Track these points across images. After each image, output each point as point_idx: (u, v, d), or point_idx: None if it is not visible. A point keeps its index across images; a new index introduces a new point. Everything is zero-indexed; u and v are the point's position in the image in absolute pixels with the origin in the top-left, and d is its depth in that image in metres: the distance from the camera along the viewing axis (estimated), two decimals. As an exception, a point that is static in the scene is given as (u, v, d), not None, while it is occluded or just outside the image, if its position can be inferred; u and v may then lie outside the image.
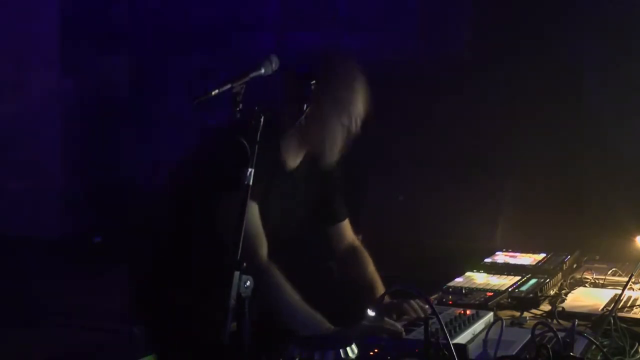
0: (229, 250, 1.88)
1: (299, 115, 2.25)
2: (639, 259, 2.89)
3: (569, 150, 4.96)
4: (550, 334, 2.09)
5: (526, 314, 2.62)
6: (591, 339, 2.12)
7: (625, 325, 2.26)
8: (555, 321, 2.45)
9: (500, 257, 3.33)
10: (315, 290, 2.54)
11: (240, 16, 6.48)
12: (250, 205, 1.96)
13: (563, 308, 2.59)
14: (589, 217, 4.65)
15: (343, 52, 2.73)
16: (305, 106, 2.24)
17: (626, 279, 2.66)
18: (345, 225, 2.95)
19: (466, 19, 5.51)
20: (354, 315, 2.32)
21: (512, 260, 3.27)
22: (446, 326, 2.05)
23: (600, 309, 2.55)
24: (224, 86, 1.98)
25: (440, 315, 2.00)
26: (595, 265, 3.22)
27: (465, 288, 2.81)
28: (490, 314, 2.47)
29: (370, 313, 2.28)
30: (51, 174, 7.16)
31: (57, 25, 7.10)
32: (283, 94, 2.45)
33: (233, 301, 1.82)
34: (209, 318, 2.45)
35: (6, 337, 4.65)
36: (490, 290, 2.78)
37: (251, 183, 1.94)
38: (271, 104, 2.33)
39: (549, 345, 1.95)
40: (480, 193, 4.70)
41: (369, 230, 3.96)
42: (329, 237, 2.93)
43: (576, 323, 2.13)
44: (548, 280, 2.92)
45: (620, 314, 2.40)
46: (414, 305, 2.52)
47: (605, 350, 2.08)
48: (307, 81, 2.35)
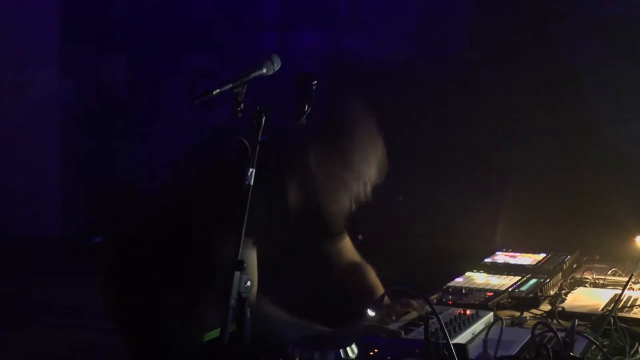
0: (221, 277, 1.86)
1: (300, 116, 2.25)
2: (639, 259, 2.89)
3: (569, 151, 4.96)
4: (550, 334, 2.09)
5: (526, 314, 2.61)
6: (591, 339, 2.11)
7: (625, 325, 2.26)
8: (555, 321, 2.45)
9: (500, 257, 3.32)
10: (315, 290, 2.54)
11: (240, 16, 6.48)
12: (245, 241, 1.92)
13: (563, 308, 2.59)
14: (589, 217, 4.65)
15: (364, 113, 2.59)
16: (306, 106, 2.23)
17: (626, 279, 2.65)
18: (345, 241, 2.89)
19: (466, 19, 5.51)
20: (354, 315, 2.32)
21: (512, 260, 3.26)
22: (446, 326, 2.05)
23: (600, 309, 2.55)
24: (225, 86, 1.98)
25: (440, 315, 2.00)
26: (595, 265, 3.21)
27: (465, 288, 2.80)
28: (490, 314, 2.47)
29: (370, 313, 2.28)
30: (51, 174, 7.16)
31: (57, 25, 7.11)
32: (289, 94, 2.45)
33: (233, 301, 1.82)
34: (203, 320, 2.45)
35: (6, 337, 4.65)
36: (490, 290, 2.77)
37: (251, 183, 1.94)
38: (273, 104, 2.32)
39: (549, 345, 1.95)
40: (480, 193, 4.69)
41: (369, 230, 3.96)
42: (327, 255, 2.87)
43: (576, 323, 2.13)
44: (548, 280, 2.92)
45: (620, 314, 2.39)
46: (413, 303, 2.52)
47: (605, 350, 2.08)
48: (309, 81, 2.35)
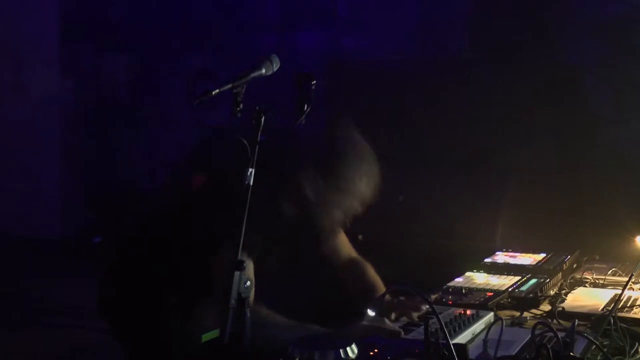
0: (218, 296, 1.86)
1: (300, 116, 2.25)
2: (639, 259, 2.89)
3: (569, 150, 4.97)
4: (550, 334, 2.09)
5: (526, 314, 2.61)
6: (591, 339, 2.11)
7: (625, 325, 2.26)
8: (555, 321, 2.45)
9: (500, 257, 3.32)
10: (314, 291, 2.54)
11: (240, 16, 6.48)
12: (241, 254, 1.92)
13: (563, 308, 2.59)
14: (589, 217, 4.65)
15: (358, 136, 2.52)
16: (306, 106, 2.23)
17: (626, 279, 2.65)
18: (341, 238, 2.89)
19: (466, 19, 5.51)
20: (354, 316, 2.32)
21: (512, 260, 3.26)
22: (446, 326, 2.05)
23: (600, 309, 2.55)
24: (225, 86, 1.98)
25: (440, 315, 2.00)
26: (595, 265, 3.21)
27: (465, 288, 2.81)
28: (490, 314, 2.47)
29: (370, 313, 2.28)
30: (51, 174, 7.16)
31: (57, 25, 7.11)
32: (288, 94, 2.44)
33: (233, 301, 1.82)
34: (202, 320, 2.45)
35: (6, 337, 4.65)
36: (490, 290, 2.77)
37: (251, 183, 1.94)
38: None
39: (549, 345, 1.95)
40: (480, 193, 4.69)
41: (369, 230, 3.96)
42: (326, 256, 2.87)
43: (576, 323, 2.13)
44: (548, 280, 2.92)
45: (620, 314, 2.39)
46: (413, 303, 2.52)
47: (605, 350, 2.08)
48: (309, 81, 2.35)
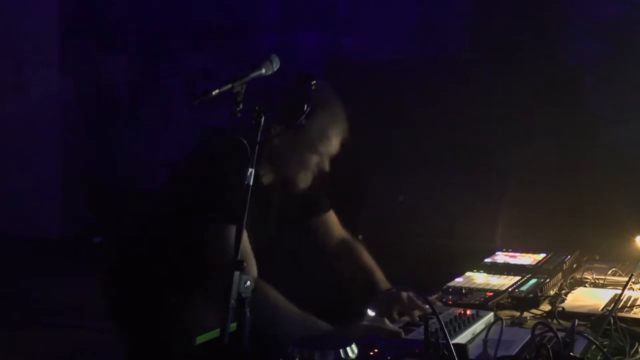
0: (217, 270, 1.87)
1: (299, 116, 2.25)
2: (639, 259, 2.89)
3: (569, 150, 4.96)
4: (550, 334, 2.09)
5: (526, 314, 2.61)
6: (591, 339, 2.11)
7: (625, 325, 2.26)
8: (555, 321, 2.45)
9: (500, 257, 3.32)
10: (314, 291, 2.54)
11: (240, 16, 6.48)
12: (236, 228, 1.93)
13: (563, 308, 2.59)
14: (589, 217, 4.65)
15: (326, 93, 2.53)
16: (306, 106, 2.23)
17: (626, 279, 2.65)
18: (331, 217, 2.95)
19: (466, 19, 5.51)
20: (354, 315, 2.32)
21: (512, 260, 3.26)
22: (446, 326, 2.05)
23: (600, 309, 2.55)
24: (225, 86, 1.98)
25: (440, 315, 2.00)
26: (595, 265, 3.21)
27: (465, 288, 2.81)
28: (491, 314, 2.47)
29: (370, 313, 2.28)
30: (51, 174, 7.16)
31: (57, 25, 7.10)
32: (284, 94, 2.45)
33: (233, 301, 1.82)
34: (202, 320, 2.45)
35: (6, 337, 4.65)
36: (490, 290, 2.77)
37: (251, 183, 1.94)
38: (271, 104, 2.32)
39: (549, 345, 1.95)
40: (480, 193, 4.69)
41: (369, 230, 3.96)
42: (316, 233, 2.93)
43: (576, 323, 2.13)
44: (548, 280, 2.92)
45: (620, 314, 2.39)
46: (414, 303, 2.53)
47: (605, 350, 2.08)
48: (308, 81, 2.35)
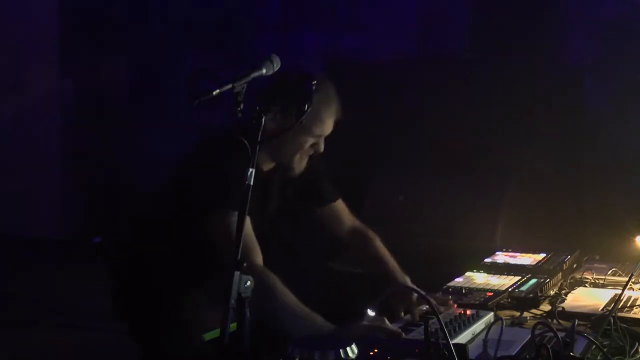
0: (228, 255, 1.88)
1: (300, 116, 2.25)
2: (639, 259, 2.89)
3: (569, 150, 4.96)
4: (550, 334, 2.09)
5: (526, 314, 2.62)
6: (591, 339, 2.12)
7: (625, 325, 2.26)
8: (555, 321, 2.45)
9: (500, 257, 3.33)
10: (314, 290, 2.54)
11: (240, 16, 6.48)
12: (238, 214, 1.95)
13: (563, 308, 2.59)
14: (589, 217, 4.65)
15: (317, 76, 2.53)
16: (306, 106, 2.23)
17: (626, 279, 2.66)
18: (340, 206, 2.95)
19: (466, 19, 5.51)
20: (354, 315, 2.32)
21: (512, 260, 3.27)
22: (446, 326, 2.05)
23: (600, 309, 2.55)
24: (225, 86, 1.98)
25: (440, 315, 2.00)
26: (595, 265, 3.22)
27: (465, 288, 2.81)
28: (491, 314, 2.47)
29: (370, 313, 2.28)
30: (51, 174, 7.15)
31: (57, 25, 7.10)
32: (283, 93, 2.45)
33: (233, 301, 1.82)
34: (204, 319, 2.46)
35: (5, 337, 4.65)
36: (490, 290, 2.78)
37: (251, 183, 1.94)
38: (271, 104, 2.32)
39: (549, 345, 1.95)
40: (480, 193, 4.69)
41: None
42: (327, 223, 2.93)
43: (576, 323, 2.13)
44: (548, 280, 2.92)
45: (620, 314, 2.40)
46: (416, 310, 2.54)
47: (605, 350, 2.08)
48: (308, 81, 2.35)
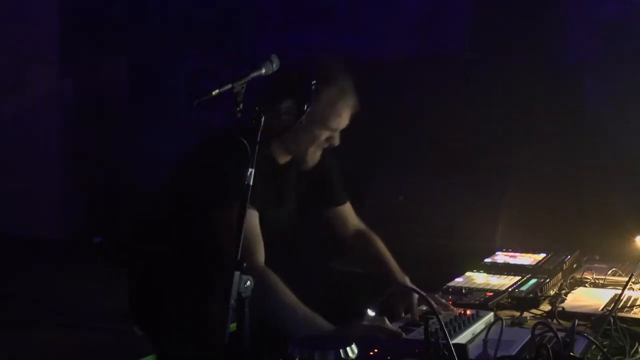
0: (228, 255, 1.89)
1: (300, 116, 2.25)
2: (639, 259, 2.89)
3: (569, 150, 4.96)
4: (550, 334, 2.10)
5: (526, 314, 2.62)
6: (591, 339, 2.12)
7: (625, 325, 2.26)
8: (555, 321, 2.45)
9: (500, 257, 3.33)
10: (314, 290, 2.54)
11: (240, 16, 6.48)
12: (249, 211, 1.96)
13: (563, 308, 2.59)
14: (589, 217, 4.65)
15: (335, 60, 2.59)
16: (306, 106, 2.23)
17: (626, 279, 2.66)
18: (348, 209, 2.96)
19: (466, 19, 5.51)
20: (354, 315, 2.32)
21: (512, 260, 3.27)
22: (446, 326, 2.05)
23: (600, 309, 2.55)
24: (225, 86, 1.98)
25: (440, 315, 2.00)
26: (595, 265, 3.22)
27: (465, 288, 2.81)
28: (491, 314, 2.47)
29: (371, 313, 2.28)
30: (51, 174, 7.15)
31: (57, 25, 7.10)
32: (283, 93, 2.45)
33: (233, 301, 1.82)
34: (207, 318, 2.46)
35: (5, 337, 4.65)
36: (490, 290, 2.78)
37: (251, 183, 1.94)
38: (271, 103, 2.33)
39: (549, 345, 1.95)
40: (480, 193, 4.69)
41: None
42: (332, 224, 2.94)
43: (576, 323, 2.13)
44: (548, 280, 2.92)
45: (620, 314, 2.40)
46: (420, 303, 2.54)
47: (605, 350, 2.08)
48: (308, 81, 2.35)
